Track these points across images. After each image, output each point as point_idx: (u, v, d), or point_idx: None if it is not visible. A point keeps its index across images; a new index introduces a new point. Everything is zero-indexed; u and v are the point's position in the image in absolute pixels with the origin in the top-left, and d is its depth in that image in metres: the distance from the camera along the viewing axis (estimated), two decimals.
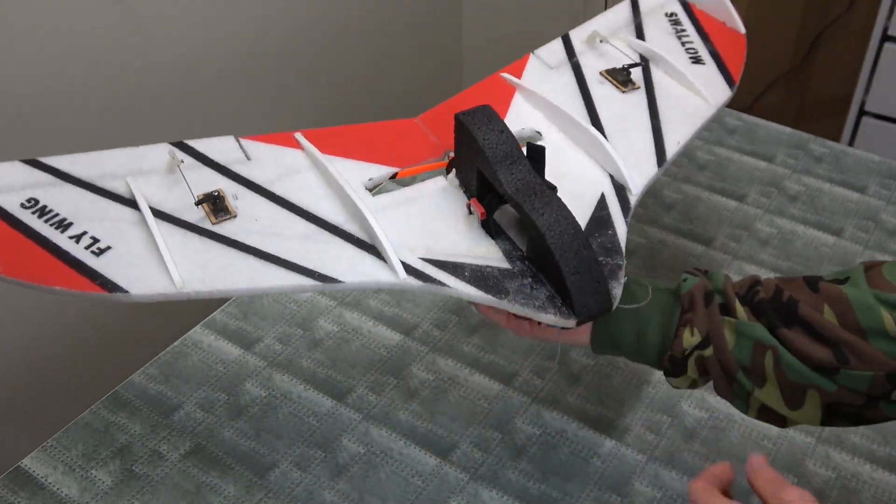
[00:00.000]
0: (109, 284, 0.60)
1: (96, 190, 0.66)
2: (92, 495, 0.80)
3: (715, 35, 0.89)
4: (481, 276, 0.64)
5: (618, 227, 0.69)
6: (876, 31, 1.53)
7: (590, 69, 0.84)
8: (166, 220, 0.65)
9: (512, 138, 0.67)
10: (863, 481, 0.81)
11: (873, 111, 1.61)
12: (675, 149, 0.77)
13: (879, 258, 1.04)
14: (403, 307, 0.99)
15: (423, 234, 0.67)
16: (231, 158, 0.71)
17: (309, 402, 0.89)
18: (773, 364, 0.62)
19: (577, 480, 0.81)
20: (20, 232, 0.62)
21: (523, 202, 0.63)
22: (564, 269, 0.61)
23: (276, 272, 0.62)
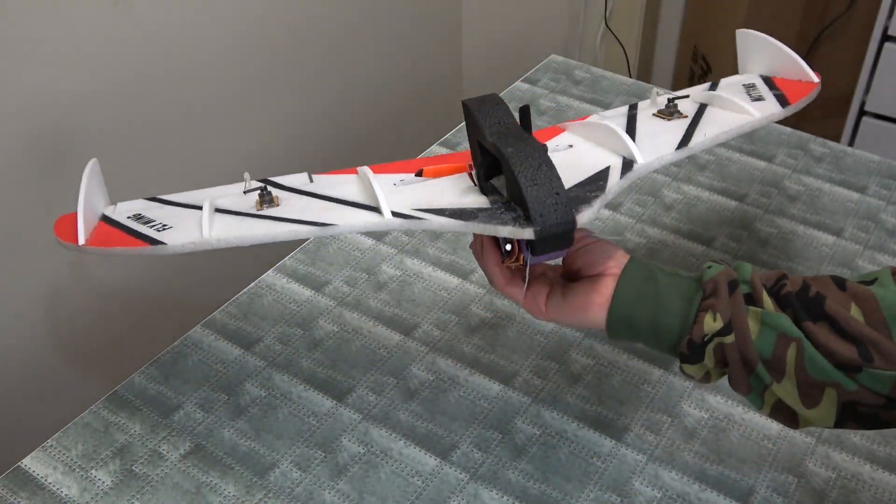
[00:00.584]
0: (154, 242, 0.73)
1: (185, 206, 0.79)
2: (92, 495, 0.80)
3: (784, 85, 0.88)
4: (459, 213, 0.68)
5: (610, 180, 0.70)
6: (876, 31, 1.53)
7: (644, 113, 0.84)
8: (222, 212, 0.76)
9: (505, 107, 0.70)
10: (863, 481, 0.81)
11: (873, 111, 1.62)
12: (700, 139, 0.76)
13: (879, 258, 1.05)
14: (403, 307, 0.99)
15: (424, 196, 0.72)
16: (298, 183, 0.81)
17: (309, 402, 0.89)
18: (794, 358, 0.61)
19: (577, 480, 0.81)
20: (115, 227, 0.77)
21: (499, 142, 0.65)
22: (522, 182, 0.62)
23: (285, 225, 0.72)
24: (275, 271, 1.05)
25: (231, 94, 1.31)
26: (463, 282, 1.03)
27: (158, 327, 1.17)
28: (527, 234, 0.62)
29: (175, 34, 1.19)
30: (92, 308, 1.21)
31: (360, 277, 1.04)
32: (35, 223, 1.08)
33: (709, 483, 0.81)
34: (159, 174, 1.24)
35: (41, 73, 1.03)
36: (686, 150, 0.75)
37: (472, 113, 0.70)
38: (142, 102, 1.18)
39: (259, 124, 1.39)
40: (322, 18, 1.43)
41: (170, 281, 1.32)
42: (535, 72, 1.45)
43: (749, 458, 0.83)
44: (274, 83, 1.39)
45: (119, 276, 1.23)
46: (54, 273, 1.14)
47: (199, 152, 1.30)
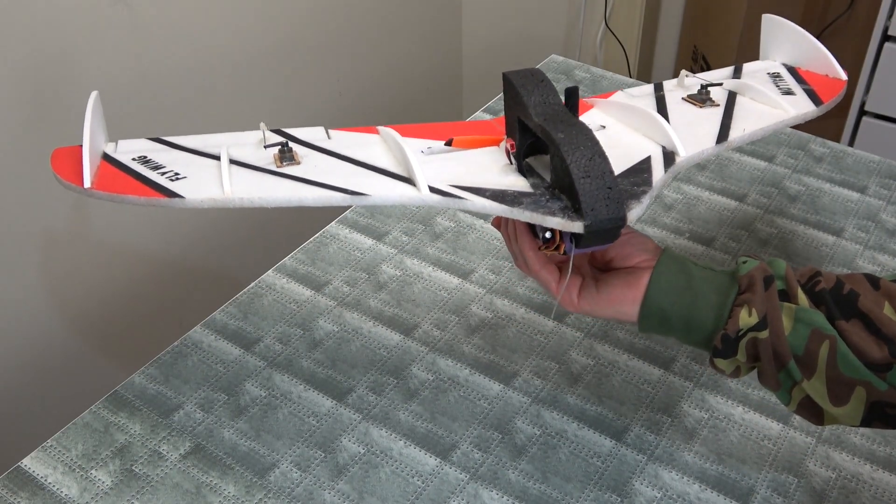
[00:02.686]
0: (170, 193, 0.68)
1: (196, 153, 0.76)
2: (92, 495, 0.80)
3: (813, 80, 0.88)
4: (501, 196, 0.66)
5: (655, 174, 0.68)
6: (876, 31, 1.53)
7: (673, 96, 0.84)
8: (239, 165, 0.73)
9: (551, 86, 0.67)
10: (863, 481, 0.81)
11: (873, 111, 1.62)
12: (739, 133, 0.75)
13: (879, 258, 1.05)
14: (403, 307, 0.99)
15: (459, 172, 0.70)
16: (315, 138, 0.78)
17: (309, 402, 0.89)
18: (827, 355, 0.61)
19: (577, 480, 0.81)
20: (121, 170, 0.73)
21: (547, 125, 0.63)
22: (574, 173, 0.60)
23: (314, 189, 0.68)
24: (275, 271, 1.05)
25: (230, 92, 1.31)
26: (463, 282, 1.03)
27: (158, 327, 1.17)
28: (576, 228, 0.61)
29: (175, 33, 1.19)
30: (92, 308, 1.21)
31: (360, 277, 1.04)
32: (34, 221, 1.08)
33: (709, 483, 0.81)
34: None
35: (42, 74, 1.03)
36: (725, 145, 0.74)
37: (515, 88, 0.67)
38: (142, 102, 1.17)
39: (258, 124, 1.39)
40: (322, 18, 1.43)
41: (170, 281, 1.32)
42: None
43: (749, 458, 0.83)
44: (273, 83, 1.39)
45: (119, 275, 1.23)
46: (54, 273, 1.14)
47: None
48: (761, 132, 0.77)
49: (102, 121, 0.76)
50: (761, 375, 0.65)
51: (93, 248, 1.18)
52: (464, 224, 1.13)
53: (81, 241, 1.16)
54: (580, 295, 0.69)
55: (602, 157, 0.61)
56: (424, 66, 1.76)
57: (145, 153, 0.75)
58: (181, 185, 0.70)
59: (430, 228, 1.12)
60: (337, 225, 1.13)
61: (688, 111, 0.80)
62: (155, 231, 1.26)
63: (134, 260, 1.24)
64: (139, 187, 0.70)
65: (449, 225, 1.12)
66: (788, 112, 0.79)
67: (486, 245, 1.09)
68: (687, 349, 0.94)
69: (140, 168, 0.73)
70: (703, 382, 0.90)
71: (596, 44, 1.90)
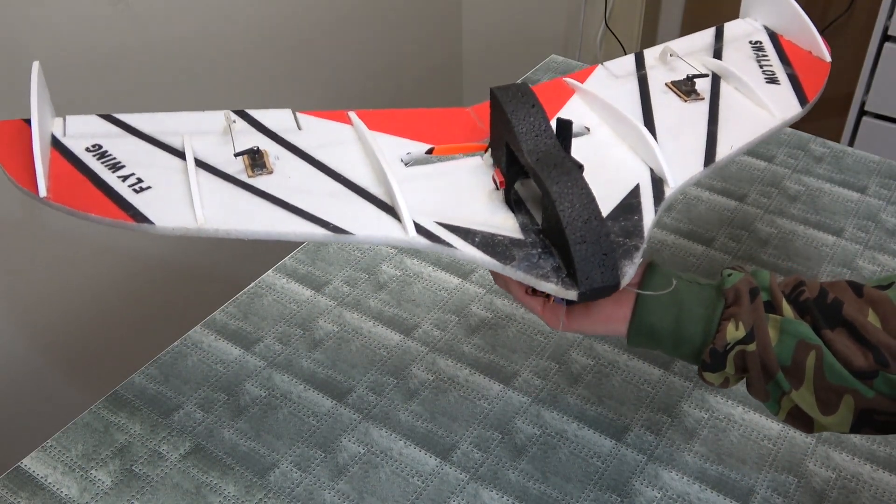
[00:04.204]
0: (139, 216, 0.64)
1: (155, 142, 0.71)
2: (92, 495, 0.80)
3: (797, 61, 0.86)
4: (491, 243, 0.64)
5: (645, 215, 0.67)
6: (876, 31, 1.53)
7: (656, 80, 0.82)
8: (207, 170, 0.69)
9: (542, 113, 0.65)
10: (863, 481, 0.81)
11: (873, 111, 1.62)
12: (726, 152, 0.74)
13: (879, 258, 1.05)
14: (403, 307, 0.99)
15: (444, 201, 0.68)
16: (283, 127, 0.75)
17: (309, 402, 0.89)
18: (814, 365, 0.61)
19: (577, 480, 0.81)
20: (77, 168, 0.68)
21: (540, 170, 0.62)
22: (570, 237, 0.59)
23: (294, 220, 0.65)
24: (275, 271, 1.05)
25: (230, 91, 1.31)
26: (463, 282, 1.03)
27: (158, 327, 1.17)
28: (570, 296, 0.60)
29: (174, 33, 1.19)
30: (92, 308, 1.21)
31: (360, 277, 1.04)
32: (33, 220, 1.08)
33: (709, 483, 0.81)
34: None
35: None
36: (713, 166, 0.73)
37: (503, 109, 0.66)
38: (141, 102, 1.18)
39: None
40: (322, 18, 1.43)
41: (170, 280, 1.32)
42: (535, 72, 1.45)
43: (749, 458, 0.83)
44: (273, 83, 1.39)
45: (119, 275, 1.23)
46: (53, 273, 1.14)
47: None
48: (747, 146, 0.76)
49: (47, 95, 0.71)
50: (750, 386, 0.65)
51: (93, 247, 1.18)
52: None
53: (79, 239, 1.16)
54: (568, 314, 0.69)
55: (598, 218, 0.60)
56: (424, 66, 1.76)
57: (98, 140, 0.70)
58: (147, 200, 0.66)
59: None
60: None
61: (672, 106, 0.79)
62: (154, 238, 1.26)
63: (134, 259, 1.24)
64: (102, 200, 0.66)
65: None
66: (774, 116, 0.78)
67: None
68: None
69: (96, 166, 0.68)
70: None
71: (596, 44, 1.90)
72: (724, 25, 0.92)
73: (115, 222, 0.64)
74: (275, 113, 0.76)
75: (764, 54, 0.87)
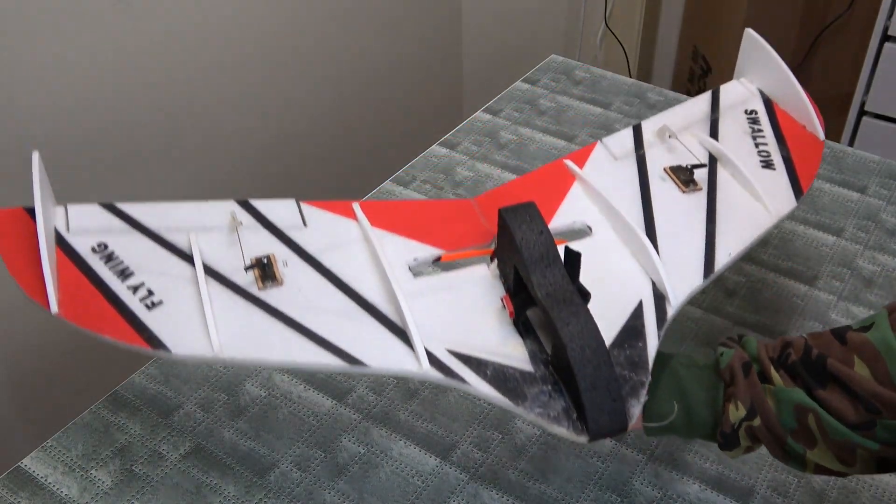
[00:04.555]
0: (155, 341, 0.64)
1: (161, 241, 0.71)
2: (92, 495, 0.80)
3: (792, 139, 0.87)
4: (503, 377, 0.64)
5: (649, 341, 0.68)
6: (876, 31, 1.53)
7: (654, 163, 0.83)
8: (217, 280, 0.69)
9: (550, 240, 0.66)
10: (863, 481, 0.81)
11: (873, 111, 1.61)
12: (724, 260, 0.75)
13: (879, 258, 1.05)
14: None
15: (455, 324, 0.68)
16: (289, 223, 0.75)
17: (309, 402, 0.89)
18: (816, 426, 0.62)
19: (577, 480, 0.81)
20: (85, 276, 0.67)
21: (551, 309, 0.63)
22: (581, 384, 0.60)
23: (309, 347, 0.65)
24: None
25: (230, 92, 1.32)
26: None
27: None
28: (581, 440, 0.62)
29: (174, 34, 1.19)
30: None
31: None
32: None
33: (709, 483, 0.81)
34: (159, 174, 1.24)
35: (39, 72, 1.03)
36: (711, 277, 0.74)
37: (513, 235, 0.67)
38: (141, 101, 1.17)
39: (259, 124, 1.39)
40: (322, 18, 1.43)
41: None
42: (535, 72, 1.45)
43: (749, 457, 0.83)
44: (274, 83, 1.39)
45: None
46: None
47: (200, 148, 1.30)
48: (744, 251, 0.77)
49: (49, 186, 0.71)
50: (770, 451, 0.66)
51: None
52: None
53: None
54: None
55: (607, 363, 0.61)
56: (424, 66, 1.76)
57: (103, 237, 0.70)
58: (161, 320, 0.65)
59: None
60: None
61: (671, 196, 0.80)
62: None
63: None
64: (115, 319, 0.65)
65: None
66: (770, 213, 0.79)
67: None
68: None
69: (105, 273, 0.67)
70: None
71: (596, 44, 1.90)
72: (720, 89, 0.92)
73: (130, 347, 0.64)
74: (279, 206, 0.76)
75: (759, 129, 0.87)
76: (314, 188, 1.54)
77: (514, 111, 1.35)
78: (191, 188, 1.30)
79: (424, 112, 1.79)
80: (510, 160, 1.24)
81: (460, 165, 1.23)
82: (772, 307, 0.99)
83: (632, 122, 1.31)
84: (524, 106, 1.36)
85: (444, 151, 1.26)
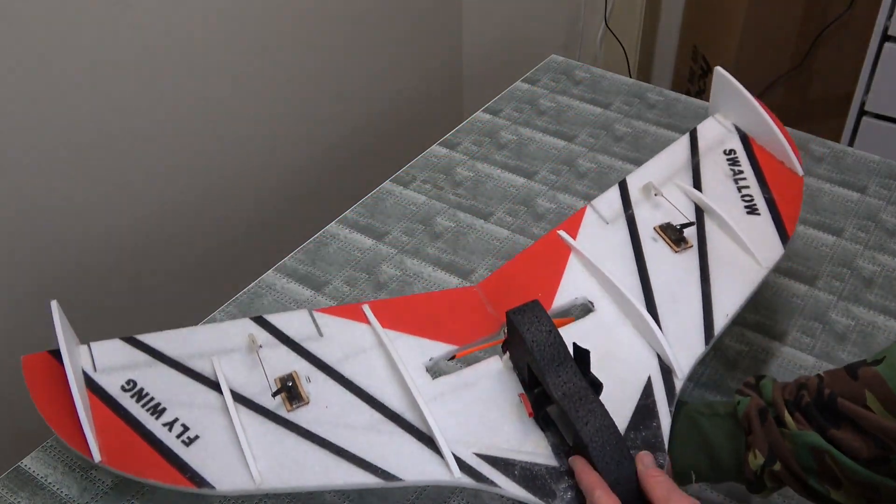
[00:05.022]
0: (198, 479, 0.67)
1: (186, 371, 0.74)
2: (92, 495, 0.80)
3: (772, 178, 0.89)
4: (530, 476, 0.67)
5: (662, 419, 0.70)
6: (876, 31, 1.53)
7: (644, 223, 0.85)
8: (246, 405, 0.72)
9: (560, 340, 0.69)
10: None
11: (873, 111, 1.61)
12: (723, 323, 0.77)
13: (879, 258, 1.05)
14: None
15: (478, 424, 0.71)
16: (304, 335, 0.77)
17: None
18: (836, 466, 0.62)
19: None
20: (121, 417, 0.71)
21: (568, 409, 0.65)
22: (608, 480, 0.62)
23: (344, 467, 0.68)
24: (275, 271, 1.05)
25: (230, 93, 1.32)
26: (463, 282, 1.03)
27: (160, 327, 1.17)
28: None
29: (175, 34, 1.19)
30: (91, 306, 1.21)
31: (361, 277, 1.04)
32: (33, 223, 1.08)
33: (708, 483, 0.80)
34: (159, 175, 1.24)
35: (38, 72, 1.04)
36: (711, 342, 0.76)
37: (523, 338, 0.69)
38: (141, 102, 1.17)
39: (259, 123, 1.39)
40: (322, 17, 1.44)
41: (169, 281, 1.32)
42: (535, 72, 1.45)
43: None
44: (274, 82, 1.39)
45: (120, 275, 1.23)
46: (52, 273, 1.14)
47: (199, 151, 1.30)
48: (740, 309, 0.79)
49: (71, 331, 0.75)
50: (796, 492, 0.67)
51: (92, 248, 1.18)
52: (464, 224, 1.13)
53: (80, 243, 1.16)
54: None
55: (628, 457, 0.63)
56: (424, 66, 1.76)
57: (130, 374, 0.73)
58: (201, 456, 0.68)
59: (430, 228, 1.12)
60: (337, 225, 1.13)
61: (664, 257, 0.82)
62: (155, 231, 1.26)
63: (134, 260, 1.24)
64: (157, 461, 0.68)
65: (449, 225, 1.12)
66: (760, 266, 0.81)
67: (486, 245, 1.09)
68: None
69: (139, 413, 0.71)
70: (704, 382, 0.90)
71: (596, 44, 1.90)
72: (697, 130, 0.94)
73: (177, 488, 0.67)
74: (293, 318, 0.78)
75: (740, 171, 0.89)
76: (314, 188, 1.54)
77: (514, 111, 1.35)
78: (191, 188, 1.30)
79: (424, 112, 1.79)
80: (510, 160, 1.24)
81: (460, 165, 1.23)
82: (772, 307, 0.99)
83: (632, 121, 1.31)
84: (524, 106, 1.36)
85: (444, 151, 1.26)
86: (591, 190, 1.18)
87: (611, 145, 1.27)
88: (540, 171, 1.22)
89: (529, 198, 1.17)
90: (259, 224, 1.45)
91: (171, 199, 1.27)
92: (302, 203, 1.53)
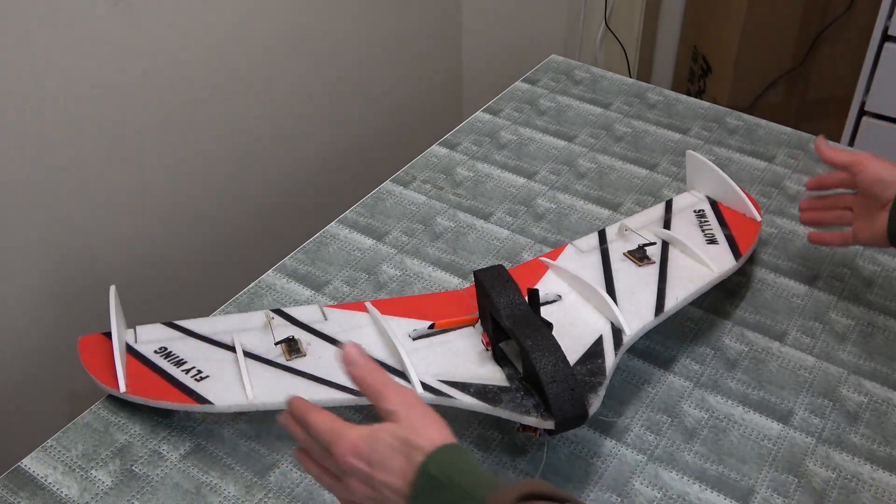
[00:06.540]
0: (200, 399, 0.82)
1: (210, 341, 0.89)
2: (92, 495, 0.80)
3: (733, 222, 1.02)
4: (483, 392, 0.79)
5: (607, 357, 0.82)
6: (876, 31, 1.53)
7: (615, 251, 0.97)
8: (253, 358, 0.86)
9: (515, 287, 0.82)
10: (863, 481, 0.81)
11: (873, 111, 1.61)
12: (673, 302, 0.89)
13: (879, 258, 1.05)
14: None
15: (444, 363, 0.83)
16: (312, 319, 0.91)
17: None
18: None
19: (577, 480, 0.81)
20: (148, 367, 0.86)
21: (516, 330, 0.78)
22: (543, 379, 0.74)
23: (325, 390, 0.81)
24: (275, 271, 1.05)
25: (231, 94, 1.32)
26: (463, 282, 1.03)
27: None
28: (548, 425, 0.75)
29: (175, 35, 1.19)
30: (90, 306, 1.21)
31: (360, 277, 1.04)
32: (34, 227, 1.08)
33: (709, 483, 0.81)
34: (160, 176, 1.24)
35: (37, 72, 1.03)
36: (662, 315, 0.88)
37: (486, 289, 0.82)
38: (142, 102, 1.18)
39: (260, 124, 1.39)
40: (323, 18, 1.44)
41: (169, 281, 1.32)
42: (535, 72, 1.45)
43: (749, 458, 0.83)
44: (274, 82, 1.39)
45: (121, 274, 1.23)
46: (53, 274, 1.14)
47: (199, 152, 1.30)
48: (691, 297, 0.91)
49: (122, 313, 0.92)
50: None
51: (92, 249, 1.18)
52: (464, 224, 1.13)
53: (80, 246, 1.16)
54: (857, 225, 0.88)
55: (564, 361, 0.76)
56: (424, 66, 1.76)
57: (164, 343, 0.89)
58: (207, 387, 0.83)
59: (430, 228, 1.12)
60: (337, 225, 1.13)
61: (629, 271, 0.94)
62: (154, 232, 1.26)
63: (133, 260, 1.24)
64: (171, 391, 0.83)
65: (449, 225, 1.12)
66: (713, 271, 0.94)
67: (486, 245, 1.09)
68: (686, 349, 0.94)
69: (164, 364, 0.86)
70: (703, 382, 0.90)
71: (596, 44, 1.90)
72: (673, 200, 1.07)
73: (181, 406, 0.83)
74: (305, 308, 0.93)
75: (706, 220, 1.03)
76: (314, 188, 1.54)
77: (514, 111, 1.35)
78: (191, 188, 1.30)
79: (424, 112, 1.79)
80: (510, 160, 1.24)
81: (460, 165, 1.23)
82: (772, 307, 0.99)
83: (632, 121, 1.31)
84: (524, 106, 1.36)
85: (444, 151, 1.26)
86: (590, 190, 1.18)
87: (611, 145, 1.27)
88: (540, 171, 1.22)
89: (529, 198, 1.17)
90: (259, 224, 1.45)
91: (170, 200, 1.27)
92: (302, 203, 1.53)
